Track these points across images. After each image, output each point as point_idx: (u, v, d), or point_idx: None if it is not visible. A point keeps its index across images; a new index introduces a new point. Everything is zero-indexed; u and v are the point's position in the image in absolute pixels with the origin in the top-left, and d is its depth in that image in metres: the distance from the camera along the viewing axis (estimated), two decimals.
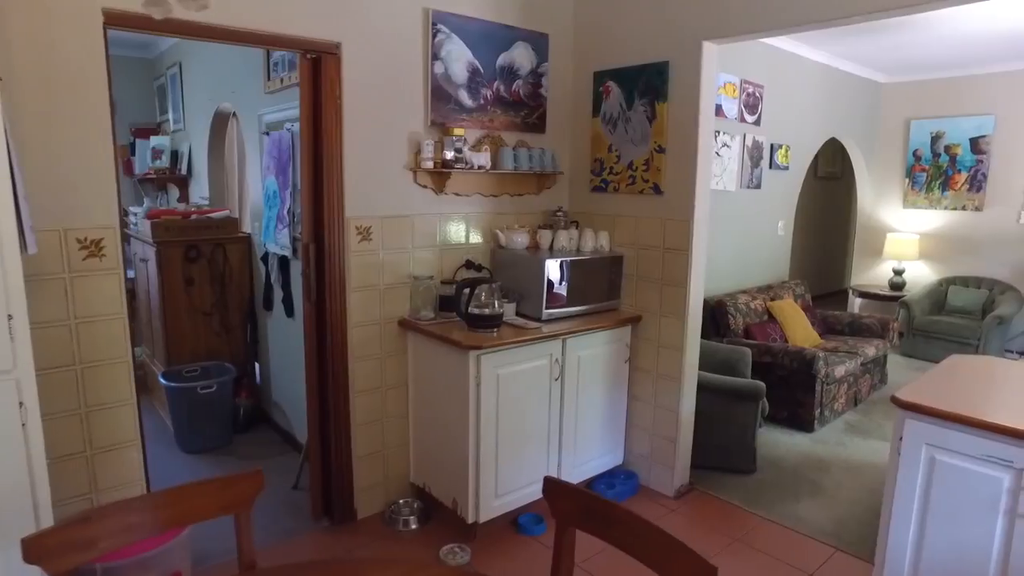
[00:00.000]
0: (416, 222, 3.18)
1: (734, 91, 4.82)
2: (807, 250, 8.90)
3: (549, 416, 3.17)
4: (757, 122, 5.11)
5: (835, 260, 9.12)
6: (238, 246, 4.42)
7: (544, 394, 3.13)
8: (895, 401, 2.19)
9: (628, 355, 3.47)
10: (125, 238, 5.30)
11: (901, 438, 2.18)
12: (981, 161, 6.30)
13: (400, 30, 2.99)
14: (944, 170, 6.55)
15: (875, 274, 7.19)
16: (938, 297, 6.45)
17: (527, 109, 3.50)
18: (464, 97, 3.23)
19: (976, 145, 6.31)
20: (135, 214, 4.65)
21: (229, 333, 4.44)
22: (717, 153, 4.74)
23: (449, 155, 3.12)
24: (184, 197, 5.73)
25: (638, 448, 3.57)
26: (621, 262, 3.49)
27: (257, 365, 4.51)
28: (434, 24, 3.05)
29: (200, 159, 5.30)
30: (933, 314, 6.25)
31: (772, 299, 5.12)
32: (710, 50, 3.09)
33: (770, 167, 5.36)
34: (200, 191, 5.41)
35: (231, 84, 4.45)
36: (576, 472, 3.36)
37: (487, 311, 2.98)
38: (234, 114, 4.64)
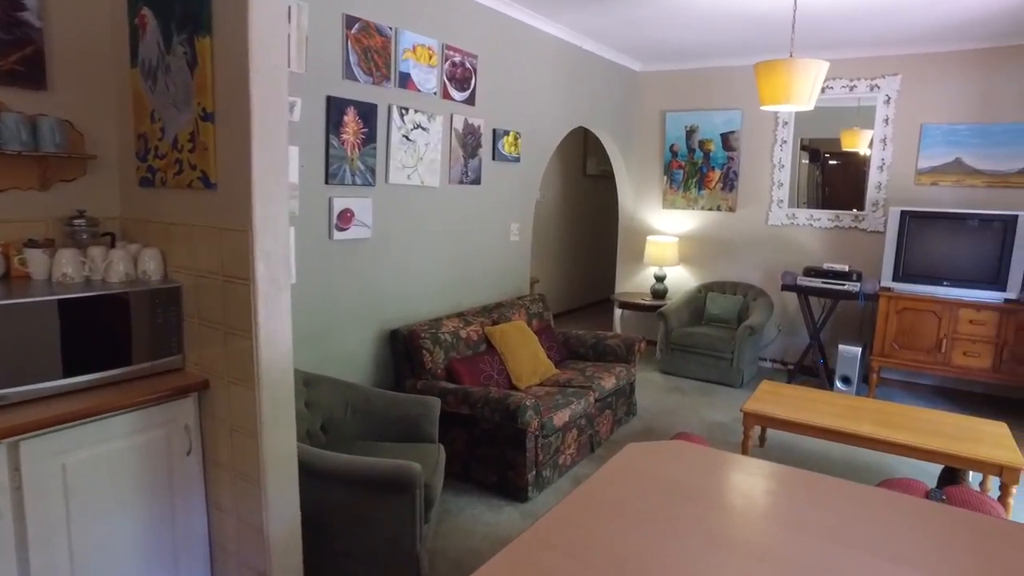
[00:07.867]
0: None
1: (431, 57, 3.73)
2: (579, 256, 8.26)
3: None
4: (470, 100, 4.08)
5: (607, 267, 8.57)
6: None
7: None
8: None
9: (191, 445, 2.20)
10: None
11: None
12: (732, 159, 5.82)
13: None
14: (699, 167, 6.02)
15: (639, 281, 6.57)
16: (698, 305, 5.89)
17: None
18: None
19: (727, 141, 5.82)
20: None
21: None
22: (407, 137, 3.62)
23: None
24: None
25: None
26: (178, 297, 2.20)
27: None
28: None
29: None
30: (693, 325, 5.66)
31: (494, 323, 4.11)
32: None
33: (493, 158, 4.37)
34: None
35: None
36: None
37: None
38: None
